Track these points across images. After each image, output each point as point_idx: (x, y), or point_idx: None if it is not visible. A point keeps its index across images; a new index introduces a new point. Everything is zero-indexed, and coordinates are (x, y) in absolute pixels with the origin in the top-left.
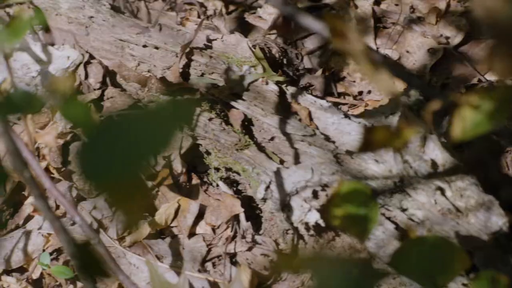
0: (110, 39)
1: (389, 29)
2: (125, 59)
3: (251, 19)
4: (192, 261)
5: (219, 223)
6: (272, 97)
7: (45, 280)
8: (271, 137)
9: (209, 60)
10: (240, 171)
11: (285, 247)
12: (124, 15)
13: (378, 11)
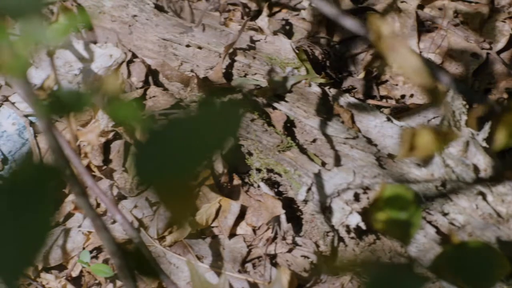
0: (153, 38)
1: (432, 33)
2: (168, 58)
3: (295, 20)
4: (232, 261)
5: (259, 224)
6: (314, 99)
7: (84, 278)
8: (313, 139)
9: (252, 61)
10: (282, 173)
11: (325, 249)
12: (167, 14)
13: (421, 15)
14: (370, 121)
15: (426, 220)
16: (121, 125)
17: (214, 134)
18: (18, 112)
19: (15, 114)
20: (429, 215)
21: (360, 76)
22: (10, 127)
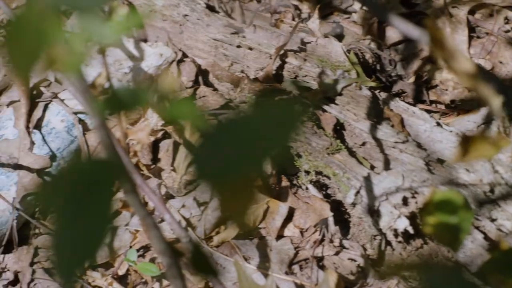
0: (204, 38)
1: (483, 39)
2: (218, 58)
3: (346, 23)
4: (279, 263)
5: (307, 226)
6: (365, 102)
7: (130, 277)
8: (363, 142)
9: (303, 63)
10: (331, 175)
11: (372, 252)
12: (218, 14)
13: (472, 21)
14: (419, 125)
15: (474, 225)
16: (174, 124)
17: (273, 135)
18: (67, 109)
19: (64, 111)
20: (477, 221)
21: (410, 80)
22: (59, 124)
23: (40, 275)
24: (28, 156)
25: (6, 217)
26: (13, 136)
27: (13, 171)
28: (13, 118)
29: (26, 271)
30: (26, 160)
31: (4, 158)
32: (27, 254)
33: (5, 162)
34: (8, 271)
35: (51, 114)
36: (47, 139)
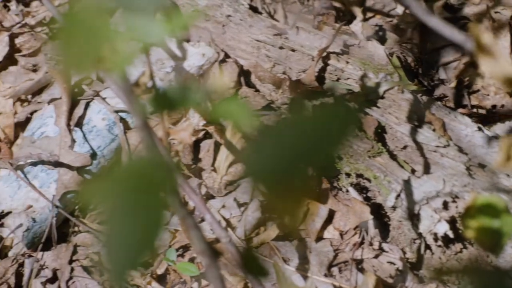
0: (246, 39)
1: None
2: (261, 59)
3: (388, 27)
4: (318, 265)
5: (347, 229)
6: (406, 105)
7: (169, 276)
8: (404, 146)
9: (345, 66)
10: (371, 178)
11: (411, 256)
12: (261, 15)
13: None
14: (461, 130)
15: None
16: (217, 124)
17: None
18: (109, 107)
19: (105, 110)
20: None
21: (451, 85)
22: (100, 122)
23: (79, 273)
24: (68, 153)
25: (45, 214)
26: (54, 134)
27: (53, 168)
28: (54, 115)
29: (65, 269)
30: (67, 158)
31: (44, 155)
32: (66, 252)
33: (46, 160)
34: (46, 268)
35: (92, 112)
36: (88, 137)
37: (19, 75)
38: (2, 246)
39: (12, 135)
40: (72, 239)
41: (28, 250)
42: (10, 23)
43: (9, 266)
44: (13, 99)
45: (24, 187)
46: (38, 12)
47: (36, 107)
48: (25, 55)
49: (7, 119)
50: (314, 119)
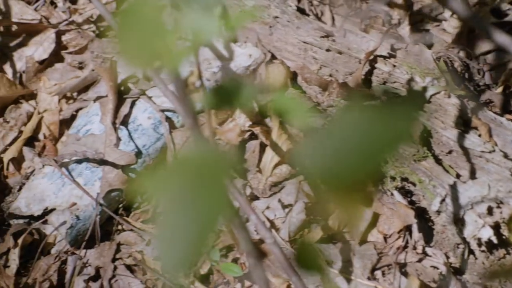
0: (293, 41)
1: None
2: (308, 61)
3: (435, 31)
4: (362, 268)
5: (391, 232)
6: (453, 110)
7: (213, 277)
8: (449, 151)
9: (392, 69)
10: (416, 182)
11: (455, 261)
12: (308, 17)
13: None
14: (507, 136)
15: None
16: (263, 125)
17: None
18: (154, 106)
19: (151, 109)
20: None
21: (498, 90)
22: (146, 121)
23: (122, 271)
24: (113, 152)
25: (89, 212)
26: (99, 131)
27: (98, 166)
28: (100, 113)
29: (108, 267)
30: (112, 156)
31: (89, 153)
32: (109, 250)
33: (91, 157)
34: (89, 266)
35: (138, 111)
36: (133, 136)
37: (65, 72)
38: (45, 243)
39: (57, 132)
40: (116, 238)
41: (71, 248)
42: (57, 20)
43: (52, 263)
44: (58, 96)
45: (69, 185)
46: (85, 9)
47: (81, 104)
48: (71, 53)
49: (52, 116)
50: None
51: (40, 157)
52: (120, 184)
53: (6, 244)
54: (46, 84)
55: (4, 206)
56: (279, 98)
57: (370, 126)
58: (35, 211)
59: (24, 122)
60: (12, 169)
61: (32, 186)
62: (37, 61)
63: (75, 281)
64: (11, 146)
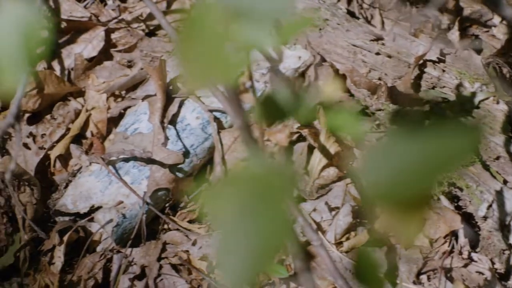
0: (343, 44)
1: None
2: (357, 64)
3: (484, 37)
4: (407, 272)
5: (437, 237)
6: (501, 116)
7: (257, 277)
8: (497, 156)
9: (441, 74)
10: (463, 187)
11: (500, 267)
12: (358, 20)
13: None
14: None
15: None
16: (311, 127)
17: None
18: (203, 106)
19: (200, 108)
20: None
21: None
22: (194, 121)
23: (167, 271)
24: (161, 151)
25: (136, 210)
26: (147, 130)
27: (145, 165)
28: (148, 112)
29: (153, 266)
30: (159, 155)
31: (137, 152)
32: (155, 249)
33: (138, 156)
34: (135, 265)
35: (186, 111)
36: (181, 135)
37: (113, 70)
38: (90, 241)
39: (105, 130)
40: (161, 237)
41: (116, 246)
42: (107, 18)
43: (97, 261)
44: (106, 94)
45: (115, 183)
46: (134, 8)
47: (130, 103)
48: (120, 51)
49: (100, 114)
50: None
51: (87, 154)
52: (167, 183)
53: (52, 241)
54: (95, 81)
55: (50, 203)
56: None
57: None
58: (81, 208)
59: (71, 120)
60: (59, 166)
61: (79, 184)
62: (85, 59)
63: (120, 280)
64: (58, 143)
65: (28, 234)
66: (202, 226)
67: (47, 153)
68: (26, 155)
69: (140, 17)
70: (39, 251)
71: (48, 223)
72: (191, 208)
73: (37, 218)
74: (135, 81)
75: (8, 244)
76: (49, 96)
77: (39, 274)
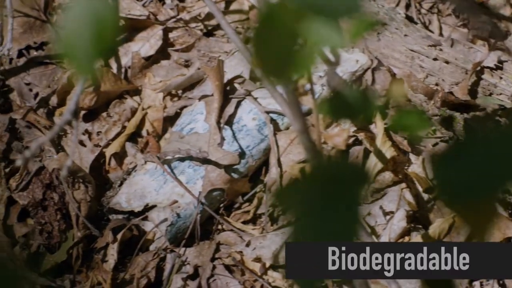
0: (401, 48)
1: None
2: (414, 69)
3: None
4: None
5: None
6: None
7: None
8: None
9: (498, 81)
10: None
11: None
12: (416, 25)
13: None
14: None
15: None
16: (367, 131)
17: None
18: (260, 107)
19: (256, 110)
20: None
21: None
22: (250, 122)
23: (220, 271)
24: (217, 151)
25: (190, 210)
26: (203, 130)
27: (200, 165)
28: (204, 112)
29: (207, 266)
30: (215, 155)
31: (193, 151)
32: (208, 249)
33: (194, 156)
34: (188, 264)
35: (243, 111)
36: (237, 136)
37: (171, 70)
38: (144, 240)
39: (160, 129)
40: (215, 237)
41: (170, 245)
42: (165, 17)
43: (150, 260)
44: (163, 93)
45: (170, 182)
46: (193, 7)
47: (186, 102)
48: (178, 50)
49: (156, 113)
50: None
51: (142, 153)
52: (222, 184)
53: (105, 239)
54: (151, 80)
55: (104, 201)
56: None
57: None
58: (136, 207)
59: (127, 118)
60: (113, 164)
61: (133, 182)
62: (143, 57)
63: (173, 279)
64: (113, 141)
65: (82, 232)
66: (256, 228)
67: (102, 151)
68: (81, 152)
69: (199, 16)
70: (92, 249)
71: (101, 221)
72: (245, 209)
73: (91, 215)
74: (192, 80)
75: (61, 241)
76: (105, 93)
77: (91, 271)
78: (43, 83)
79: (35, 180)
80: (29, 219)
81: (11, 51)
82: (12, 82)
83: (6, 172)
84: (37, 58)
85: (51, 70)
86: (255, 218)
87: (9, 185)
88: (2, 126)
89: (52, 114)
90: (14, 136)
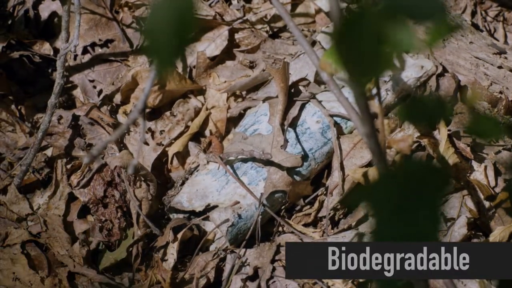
0: (466, 55)
1: None
2: (479, 77)
3: None
4: None
5: None
6: None
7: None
8: None
9: None
10: None
11: None
12: (482, 33)
13: None
14: None
15: None
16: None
17: None
18: (324, 111)
19: (320, 113)
20: None
21: None
22: (314, 125)
23: (280, 273)
24: (280, 153)
25: (251, 211)
26: (266, 132)
27: (263, 166)
28: (268, 113)
29: (267, 267)
30: (278, 157)
31: (256, 152)
32: (268, 251)
33: (257, 157)
34: (248, 265)
35: (307, 114)
36: (300, 139)
37: (235, 70)
38: (204, 240)
39: (224, 129)
40: (276, 239)
41: (230, 246)
42: (231, 17)
43: (210, 260)
44: (227, 93)
45: (232, 183)
46: (259, 9)
47: (250, 103)
48: (243, 51)
49: (220, 113)
50: None
51: (205, 153)
52: (284, 186)
53: (165, 237)
54: (216, 80)
55: (166, 200)
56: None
57: None
58: (197, 206)
59: (191, 117)
60: (176, 163)
61: (195, 182)
62: (208, 57)
63: (233, 280)
64: (176, 140)
65: (142, 230)
66: (317, 231)
67: (164, 150)
68: (144, 150)
69: (265, 18)
70: (151, 247)
71: (162, 219)
72: (306, 211)
73: (152, 214)
74: (257, 82)
75: (121, 238)
76: (169, 92)
77: (151, 270)
78: (107, 81)
79: (97, 177)
80: (90, 216)
81: (77, 48)
82: (76, 78)
83: (67, 168)
84: (101, 55)
85: (115, 68)
86: (316, 221)
87: (70, 181)
88: (65, 122)
89: (116, 112)
90: (77, 132)
